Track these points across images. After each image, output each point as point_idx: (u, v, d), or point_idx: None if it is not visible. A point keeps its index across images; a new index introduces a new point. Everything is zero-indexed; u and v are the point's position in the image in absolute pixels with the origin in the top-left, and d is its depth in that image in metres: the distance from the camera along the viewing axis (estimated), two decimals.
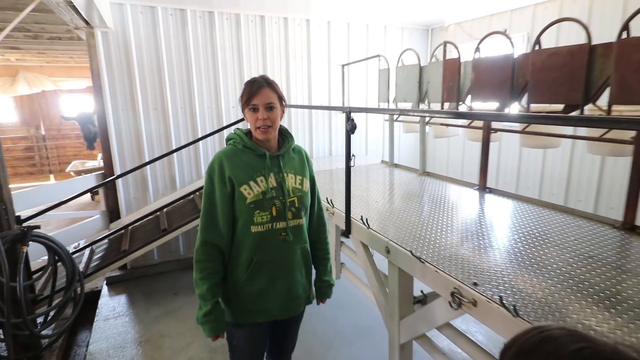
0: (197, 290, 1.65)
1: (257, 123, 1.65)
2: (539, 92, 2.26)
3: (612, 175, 3.72)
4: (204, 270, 1.63)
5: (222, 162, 1.65)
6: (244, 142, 1.70)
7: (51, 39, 6.01)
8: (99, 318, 3.77)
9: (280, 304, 1.76)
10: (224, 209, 1.64)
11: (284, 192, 1.69)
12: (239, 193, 1.63)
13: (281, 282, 1.74)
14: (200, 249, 1.65)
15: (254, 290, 1.70)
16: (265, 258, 1.69)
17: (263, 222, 1.65)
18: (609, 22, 3.58)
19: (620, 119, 0.98)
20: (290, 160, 1.78)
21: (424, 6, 4.60)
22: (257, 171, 1.67)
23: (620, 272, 1.67)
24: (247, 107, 1.66)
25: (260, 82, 1.67)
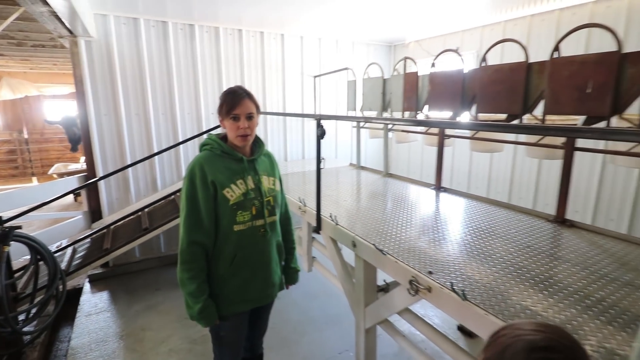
0: (185, 290, 1.63)
1: (239, 132, 1.68)
2: (485, 103, 2.36)
3: (548, 176, 3.92)
4: (192, 269, 1.62)
5: (203, 166, 1.64)
6: (222, 148, 1.71)
7: (35, 47, 5.71)
8: (80, 314, 3.60)
9: (260, 292, 1.82)
10: (208, 209, 1.63)
11: (261, 193, 1.75)
12: (222, 195, 1.64)
13: (261, 272, 1.79)
14: (187, 249, 1.61)
15: (238, 282, 1.72)
16: (247, 253, 1.72)
17: (245, 221, 1.69)
18: (544, 43, 3.77)
19: (550, 127, 1.04)
20: (262, 164, 1.84)
21: (387, 25, 4.69)
22: (236, 174, 1.70)
23: (553, 259, 1.76)
24: (228, 116, 1.67)
25: (241, 93, 1.70)
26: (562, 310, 1.35)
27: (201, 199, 1.62)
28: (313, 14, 4.17)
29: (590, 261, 1.73)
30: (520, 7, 3.78)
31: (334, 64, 5.48)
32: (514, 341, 0.66)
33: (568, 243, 1.96)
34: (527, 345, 0.64)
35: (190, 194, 1.63)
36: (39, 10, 2.71)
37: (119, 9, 3.89)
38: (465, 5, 3.76)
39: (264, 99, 5.05)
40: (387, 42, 5.85)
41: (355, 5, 3.83)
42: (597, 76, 1.77)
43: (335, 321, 3.35)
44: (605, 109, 1.74)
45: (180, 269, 1.63)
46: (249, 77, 4.90)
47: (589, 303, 1.39)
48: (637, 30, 3.12)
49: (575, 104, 1.85)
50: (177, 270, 1.64)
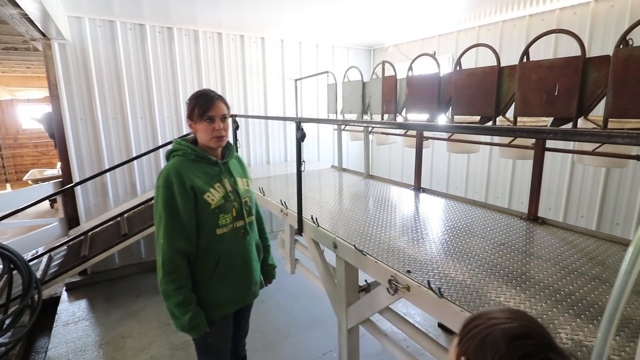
0: (172, 301, 1.56)
1: (214, 133, 1.67)
2: (460, 106, 2.41)
3: (522, 175, 4.04)
4: (177, 280, 1.56)
5: (180, 173, 1.59)
6: (196, 153, 1.68)
7: (7, 49, 5.50)
8: (58, 323, 3.48)
9: (245, 292, 1.83)
10: (189, 216, 1.59)
11: (239, 195, 1.76)
12: (202, 200, 1.62)
13: (244, 272, 1.81)
14: (169, 261, 1.55)
15: (224, 285, 1.72)
16: (231, 255, 1.72)
17: (227, 224, 1.69)
18: (516, 47, 3.89)
19: (516, 128, 1.07)
20: (235, 166, 1.85)
21: (367, 29, 4.75)
22: (214, 178, 1.69)
23: (525, 255, 1.82)
24: (202, 118, 1.65)
25: (214, 95, 1.70)
26: (534, 304, 1.39)
27: (181, 206, 1.57)
28: (293, 18, 4.18)
29: (561, 257, 1.79)
30: (493, 13, 3.89)
31: (315, 67, 5.50)
32: (491, 331, 0.67)
33: (540, 240, 2.03)
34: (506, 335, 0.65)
35: (168, 202, 1.57)
36: (9, 13, 2.61)
37: (94, 12, 3.80)
38: (442, 10, 3.84)
39: (245, 103, 5.02)
40: (367, 45, 5.91)
41: (335, 9, 3.86)
42: (564, 80, 1.84)
43: (319, 322, 3.35)
44: (571, 111, 1.81)
45: (164, 281, 1.56)
46: (230, 80, 4.85)
47: (559, 297, 1.44)
48: (601, 35, 3.26)
49: (544, 106, 1.91)
50: (160, 282, 1.57)
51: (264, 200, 3.22)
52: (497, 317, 0.70)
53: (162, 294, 1.57)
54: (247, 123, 5.08)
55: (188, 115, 1.69)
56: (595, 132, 0.91)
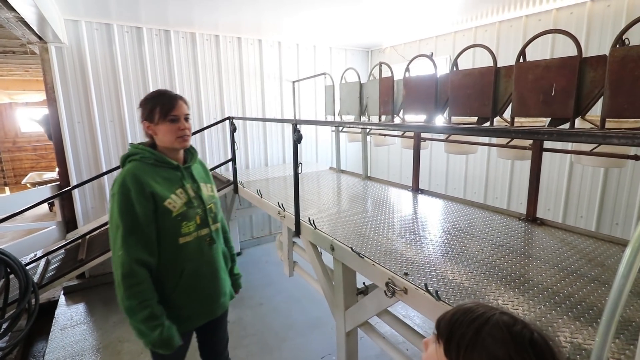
0: (137, 318, 1.41)
1: (179, 133, 1.56)
2: (457, 106, 2.40)
3: (520, 176, 4.03)
4: (141, 293, 1.42)
5: (138, 178, 1.46)
6: (155, 156, 1.55)
7: (5, 53, 5.49)
8: (55, 328, 3.45)
9: (213, 303, 1.72)
10: (149, 225, 1.47)
11: (203, 201, 1.65)
12: (163, 207, 1.50)
13: (211, 283, 1.69)
14: (130, 273, 1.41)
15: (189, 297, 1.61)
16: (195, 265, 1.61)
17: (190, 232, 1.58)
18: (513, 48, 3.89)
19: (512, 129, 1.06)
20: (198, 171, 1.73)
21: (364, 31, 4.74)
22: (175, 184, 1.58)
23: (524, 257, 1.80)
24: (166, 118, 1.53)
25: (174, 95, 1.59)
26: (533, 306, 1.38)
27: (140, 214, 1.44)
28: (291, 20, 4.17)
29: (560, 258, 1.78)
30: (489, 14, 3.88)
31: (312, 69, 5.49)
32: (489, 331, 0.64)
33: (539, 241, 2.01)
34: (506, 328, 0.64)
35: (126, 209, 1.43)
36: (5, 16, 2.60)
37: (90, 15, 3.78)
38: (439, 12, 3.84)
39: (243, 105, 5.01)
40: (364, 47, 5.90)
41: (332, 12, 3.85)
42: (560, 80, 1.83)
43: (318, 325, 3.33)
44: (568, 111, 1.79)
45: (126, 296, 1.40)
46: (227, 82, 4.84)
47: (558, 299, 1.42)
48: (597, 36, 3.26)
49: (541, 106, 1.90)
50: (121, 298, 1.41)
51: (262, 203, 3.20)
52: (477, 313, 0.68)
53: (124, 311, 1.41)
54: (245, 125, 5.06)
55: (145, 116, 1.55)
56: (591, 132, 0.89)
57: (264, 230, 5.49)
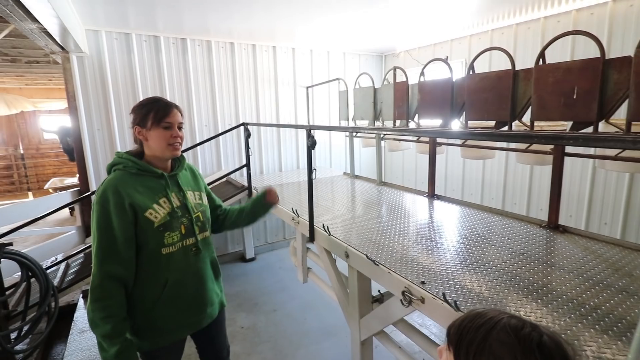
0: (98, 331, 1.37)
1: (171, 140, 1.53)
2: (474, 111, 2.35)
3: (540, 181, 3.92)
4: (106, 308, 1.37)
5: (118, 190, 1.42)
6: (138, 165, 1.51)
7: (29, 63, 5.70)
8: (74, 331, 3.51)
9: (198, 314, 1.67)
10: (126, 238, 1.42)
11: (188, 210, 1.60)
12: (144, 219, 1.45)
13: (198, 293, 1.65)
14: (99, 285, 1.38)
15: (173, 309, 1.56)
16: (180, 276, 1.56)
17: (174, 242, 1.53)
18: (530, 51, 3.80)
19: (535, 134, 1.02)
20: (184, 178, 1.69)
21: (378, 36, 4.72)
22: (158, 193, 1.53)
23: (547, 266, 1.74)
24: (159, 125, 1.50)
25: (169, 102, 1.57)
26: (557, 318, 1.32)
27: (116, 227, 1.40)
28: (305, 27, 4.19)
29: (584, 267, 1.71)
30: (506, 16, 3.81)
31: (326, 74, 5.49)
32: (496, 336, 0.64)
33: (562, 249, 1.94)
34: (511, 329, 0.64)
35: (102, 221, 1.39)
36: (29, 27, 2.69)
37: (110, 25, 3.89)
38: (454, 15, 3.79)
39: (257, 110, 5.05)
40: (378, 52, 5.88)
41: (346, 18, 3.85)
42: (582, 82, 1.77)
43: (332, 332, 3.29)
44: (591, 114, 1.73)
45: (91, 308, 1.37)
46: (242, 89, 4.89)
47: (584, 311, 1.36)
48: (620, 36, 3.15)
49: (562, 109, 1.84)
50: (87, 309, 1.39)
51: (276, 208, 3.19)
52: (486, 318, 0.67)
53: (89, 323, 1.39)
54: (259, 131, 5.10)
55: (138, 121, 1.52)
56: (619, 137, 0.85)
57: (278, 236, 5.50)
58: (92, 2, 3.17)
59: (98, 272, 1.39)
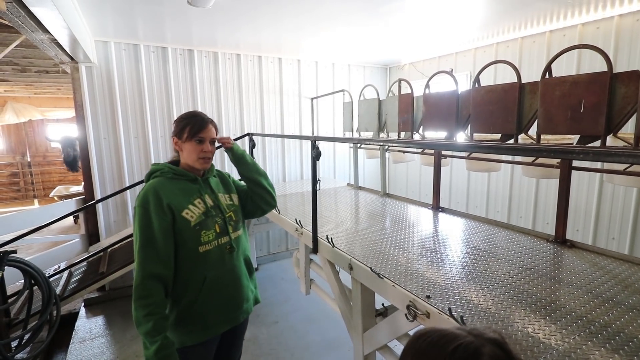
0: (141, 329, 1.43)
1: (201, 154, 1.65)
2: (479, 123, 2.35)
3: (546, 194, 3.88)
4: (148, 306, 1.43)
5: (157, 192, 1.54)
6: (174, 170, 1.64)
7: (39, 72, 5.80)
8: (75, 340, 3.49)
9: (236, 310, 1.74)
10: (165, 238, 1.51)
11: (221, 210, 1.70)
12: (181, 218, 1.55)
13: (234, 291, 1.72)
14: (140, 285, 1.45)
15: (212, 305, 1.63)
16: (217, 273, 1.64)
17: (210, 240, 1.62)
18: (536, 64, 3.81)
19: (543, 148, 1.01)
20: (215, 184, 1.79)
21: (383, 48, 4.76)
22: (193, 194, 1.64)
23: (554, 282, 1.70)
24: (193, 138, 1.63)
25: (206, 118, 1.69)
26: (567, 336, 1.28)
27: (157, 228, 1.49)
28: (310, 40, 4.24)
29: (594, 284, 1.67)
30: (511, 30, 3.84)
31: (331, 85, 5.54)
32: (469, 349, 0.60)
33: (570, 264, 1.90)
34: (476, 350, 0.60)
35: (144, 223, 1.49)
36: (40, 38, 2.74)
37: (119, 36, 3.96)
38: (459, 28, 3.82)
39: (262, 121, 5.08)
40: (383, 64, 5.92)
41: (351, 32, 3.90)
42: (590, 96, 1.76)
43: (335, 346, 3.23)
44: (599, 128, 1.72)
45: (134, 307, 1.44)
46: (247, 99, 4.93)
47: (594, 329, 1.32)
48: (626, 51, 3.15)
49: (569, 123, 1.83)
50: (132, 308, 1.46)
51: (279, 219, 3.19)
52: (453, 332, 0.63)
53: (134, 321, 1.45)
54: (264, 141, 5.12)
55: (176, 133, 1.66)
56: (630, 152, 0.83)
57: (281, 246, 5.47)
58: (103, 14, 3.24)
59: (140, 271, 1.46)
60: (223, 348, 1.86)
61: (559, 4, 3.05)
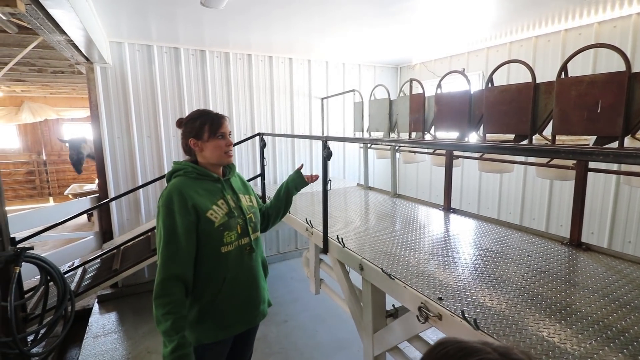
0: (160, 328, 1.44)
1: (226, 149, 1.67)
2: (492, 124, 2.32)
3: (560, 196, 3.81)
4: (167, 304, 1.44)
5: (181, 192, 1.53)
6: (198, 170, 1.63)
7: (55, 73, 5.91)
8: (88, 336, 3.55)
9: (254, 311, 1.76)
10: (188, 238, 1.51)
11: (242, 211, 1.71)
12: (205, 219, 1.55)
13: (251, 291, 1.73)
14: (160, 284, 1.45)
15: (231, 305, 1.65)
16: (236, 274, 1.65)
17: (232, 241, 1.63)
18: (551, 63, 3.74)
19: (560, 149, 0.99)
20: (236, 184, 1.81)
21: (394, 48, 4.74)
22: (216, 195, 1.64)
23: (569, 285, 1.67)
24: (215, 136, 1.64)
25: (219, 114, 1.70)
26: (582, 341, 1.26)
27: (180, 227, 1.49)
28: (321, 41, 4.24)
29: (610, 288, 1.64)
30: (525, 29, 3.78)
31: (341, 85, 5.53)
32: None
33: (585, 268, 1.87)
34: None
35: (167, 221, 1.49)
36: (57, 39, 2.80)
37: (133, 37, 4.01)
38: (471, 27, 3.78)
39: (273, 121, 5.10)
40: (394, 64, 5.89)
41: (363, 34, 3.89)
42: (607, 96, 1.72)
43: (344, 346, 3.23)
44: (616, 129, 1.68)
45: (155, 305, 1.45)
46: (258, 99, 4.96)
47: (611, 334, 1.29)
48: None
49: (585, 124, 1.79)
50: (153, 306, 1.47)
51: (289, 218, 3.20)
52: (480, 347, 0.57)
53: (154, 319, 1.46)
54: (274, 141, 5.14)
55: (194, 134, 1.63)
56: None
57: (290, 246, 5.48)
58: (117, 15, 3.29)
59: (162, 270, 1.47)
60: (237, 347, 1.87)
61: (575, 2, 2.99)
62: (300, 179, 2.08)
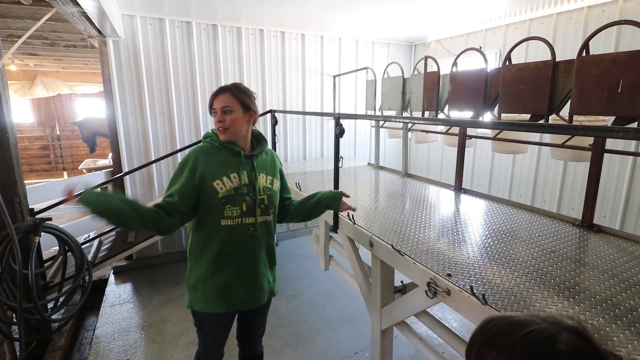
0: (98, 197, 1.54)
1: (216, 125, 1.68)
2: (508, 103, 2.28)
3: (573, 179, 3.77)
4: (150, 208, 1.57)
5: (198, 157, 1.62)
6: (219, 141, 1.69)
7: (67, 47, 5.91)
8: (105, 304, 3.71)
9: (244, 296, 1.72)
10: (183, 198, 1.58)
11: (255, 190, 1.68)
12: (211, 187, 1.59)
13: (246, 274, 1.71)
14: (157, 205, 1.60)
15: (220, 281, 1.66)
16: (233, 250, 1.65)
17: (233, 217, 1.62)
18: (571, 41, 3.62)
19: (581, 126, 0.98)
20: (262, 162, 1.77)
21: (408, 25, 4.61)
22: (231, 167, 1.65)
23: (579, 265, 1.68)
24: (210, 112, 1.71)
25: (223, 87, 1.68)
26: (590, 318, 1.28)
27: (180, 185, 1.59)
28: (334, 17, 4.14)
29: (620, 268, 1.64)
30: (546, 6, 3.64)
31: (354, 63, 5.44)
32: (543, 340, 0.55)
33: (595, 249, 1.87)
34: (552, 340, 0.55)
35: (175, 175, 1.63)
36: (70, 11, 2.79)
37: (145, 10, 3.98)
38: (489, 3, 3.65)
39: (284, 98, 5.07)
40: (408, 41, 5.75)
41: (378, 10, 3.78)
42: (629, 76, 1.67)
43: (352, 320, 3.32)
44: (637, 109, 1.64)
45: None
46: (270, 76, 4.91)
47: (619, 312, 1.31)
48: None
49: (605, 104, 1.75)
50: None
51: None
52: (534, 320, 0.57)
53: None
54: (285, 118, 5.12)
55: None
56: None
57: (300, 223, 5.56)
58: None
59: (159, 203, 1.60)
60: (244, 324, 1.93)
61: None
62: (336, 202, 1.91)
